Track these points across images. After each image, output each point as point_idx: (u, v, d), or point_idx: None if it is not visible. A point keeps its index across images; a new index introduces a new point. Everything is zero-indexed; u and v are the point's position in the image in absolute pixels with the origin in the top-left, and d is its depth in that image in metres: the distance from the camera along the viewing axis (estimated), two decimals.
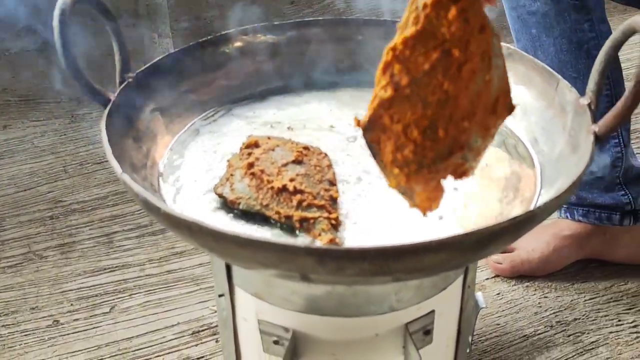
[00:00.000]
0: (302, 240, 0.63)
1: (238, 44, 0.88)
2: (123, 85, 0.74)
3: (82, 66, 0.68)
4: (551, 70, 0.76)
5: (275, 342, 0.71)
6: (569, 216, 1.15)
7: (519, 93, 0.80)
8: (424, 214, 0.57)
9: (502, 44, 0.82)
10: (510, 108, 0.57)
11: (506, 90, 0.56)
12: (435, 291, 0.70)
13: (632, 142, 1.35)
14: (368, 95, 0.86)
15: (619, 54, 1.05)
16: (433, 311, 0.71)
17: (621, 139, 1.10)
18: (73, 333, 1.09)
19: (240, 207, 0.66)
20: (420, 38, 0.51)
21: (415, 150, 0.53)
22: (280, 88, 0.88)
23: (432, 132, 0.53)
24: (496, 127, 0.56)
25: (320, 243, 0.62)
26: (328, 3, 2.12)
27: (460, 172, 0.55)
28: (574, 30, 1.04)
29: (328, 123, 0.83)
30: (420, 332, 0.71)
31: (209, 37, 0.86)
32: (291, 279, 0.61)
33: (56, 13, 0.66)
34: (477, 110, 0.53)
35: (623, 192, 1.12)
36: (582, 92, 0.69)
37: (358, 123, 0.56)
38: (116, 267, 1.21)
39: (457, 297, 0.75)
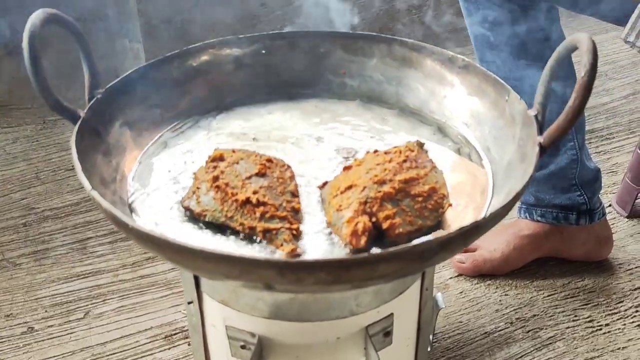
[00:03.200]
0: (265, 250, 0.67)
1: (204, 57, 0.91)
2: (92, 101, 0.76)
3: (52, 79, 0.70)
4: (502, 82, 0.80)
5: (243, 347, 0.74)
6: (527, 216, 1.20)
7: (473, 104, 0.84)
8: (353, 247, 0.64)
9: (458, 55, 0.87)
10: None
11: None
12: (394, 295, 0.74)
13: (588, 142, 1.40)
14: (331, 106, 0.91)
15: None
16: (392, 314, 0.75)
17: (576, 142, 1.15)
18: (48, 339, 1.11)
19: (207, 219, 0.69)
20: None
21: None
22: (246, 99, 0.91)
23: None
24: (427, 209, 0.69)
25: (282, 253, 0.65)
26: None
27: (390, 223, 0.66)
28: (529, 39, 1.08)
29: (292, 133, 0.86)
30: (380, 334, 0.74)
31: (175, 52, 0.89)
32: (255, 288, 0.65)
33: (25, 35, 0.68)
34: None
35: (579, 193, 1.17)
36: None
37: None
38: (90, 273, 1.24)
39: (415, 300, 0.79)
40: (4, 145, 1.59)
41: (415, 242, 0.65)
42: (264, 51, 0.93)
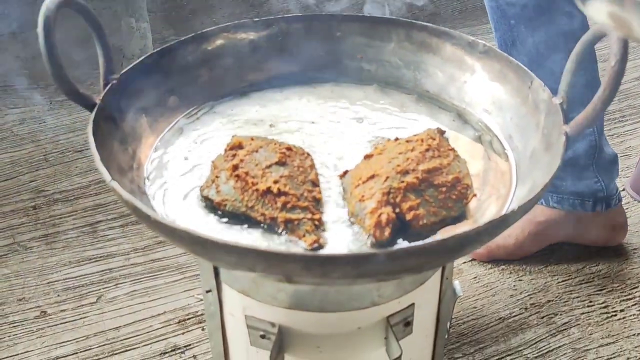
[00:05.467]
0: (286, 240, 0.66)
1: (219, 41, 0.89)
2: (107, 88, 0.75)
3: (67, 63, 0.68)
4: (525, 68, 0.78)
5: (262, 337, 0.73)
6: (543, 202, 1.19)
7: (494, 90, 0.83)
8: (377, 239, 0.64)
9: (479, 40, 0.85)
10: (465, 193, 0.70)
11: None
12: (415, 285, 0.73)
13: (605, 123, 1.38)
14: (348, 91, 0.90)
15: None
16: (413, 304, 0.74)
17: (595, 128, 1.13)
18: (61, 324, 1.11)
19: (227, 208, 0.68)
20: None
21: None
22: (262, 84, 0.90)
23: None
24: (451, 199, 0.68)
25: (304, 244, 0.64)
26: None
27: (414, 214, 0.65)
28: (552, 21, 1.06)
29: (309, 119, 0.84)
30: (401, 324, 0.74)
31: (189, 35, 0.87)
32: (277, 280, 0.64)
33: (40, 20, 0.66)
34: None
35: (596, 180, 1.15)
36: (558, 82, 0.71)
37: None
38: (101, 256, 1.23)
39: (435, 289, 0.78)
40: (12, 127, 1.57)
41: (443, 235, 0.64)
42: (279, 35, 0.92)
